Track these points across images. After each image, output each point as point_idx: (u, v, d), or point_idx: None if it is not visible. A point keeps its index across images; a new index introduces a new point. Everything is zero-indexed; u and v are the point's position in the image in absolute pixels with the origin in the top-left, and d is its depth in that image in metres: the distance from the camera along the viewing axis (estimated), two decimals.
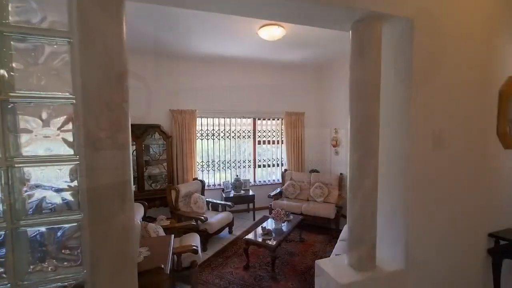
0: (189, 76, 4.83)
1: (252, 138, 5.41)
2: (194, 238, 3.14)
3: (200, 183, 4.44)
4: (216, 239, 3.92)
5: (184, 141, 4.71)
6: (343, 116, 4.90)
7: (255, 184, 5.42)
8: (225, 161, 5.25)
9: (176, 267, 2.62)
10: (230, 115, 5.17)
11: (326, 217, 4.14)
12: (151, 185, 4.53)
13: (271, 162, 5.57)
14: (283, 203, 4.55)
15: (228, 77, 5.08)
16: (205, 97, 4.95)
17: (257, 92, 5.27)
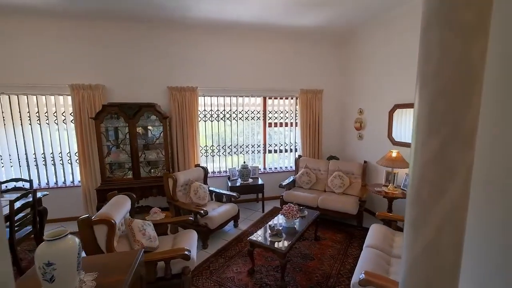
0: (188, 48, 4.18)
1: (262, 120, 4.77)
2: (191, 236, 2.66)
3: (202, 170, 3.93)
4: (218, 234, 3.46)
5: (184, 123, 4.17)
6: (370, 94, 4.11)
7: (265, 172, 4.85)
8: (231, 145, 4.68)
9: (164, 274, 2.17)
10: (236, 94, 4.52)
11: (347, 212, 3.53)
12: (150, 171, 4.09)
13: (284, 147, 4.95)
14: (297, 194, 3.98)
15: (234, 48, 4.37)
16: (208, 73, 4.31)
17: (267, 66, 4.55)
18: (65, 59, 3.76)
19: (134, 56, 4.00)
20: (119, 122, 3.77)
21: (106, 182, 3.71)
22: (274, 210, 4.32)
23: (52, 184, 4.00)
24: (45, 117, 3.85)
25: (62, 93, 3.82)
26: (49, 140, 3.91)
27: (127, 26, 3.90)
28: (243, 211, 4.28)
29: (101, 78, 3.91)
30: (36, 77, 3.69)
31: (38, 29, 3.63)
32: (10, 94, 3.68)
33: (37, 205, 3.01)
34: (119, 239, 2.32)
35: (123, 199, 2.54)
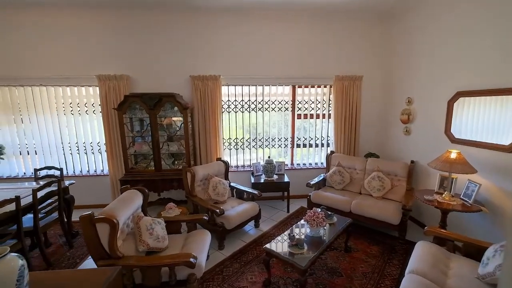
0: (211, 33, 3.91)
1: (290, 111, 4.33)
2: (203, 239, 2.45)
3: (223, 164, 3.69)
4: (237, 234, 3.22)
5: (206, 114, 3.96)
6: (423, 79, 3.37)
7: (292, 168, 4.44)
8: (256, 139, 4.36)
9: (168, 279, 1.99)
10: (262, 82, 4.14)
11: (386, 221, 2.98)
12: (173, 163, 4.01)
13: (314, 141, 4.46)
14: (326, 195, 3.52)
15: (259, 32, 3.96)
16: (231, 60, 4.00)
17: (297, 50, 4.05)
18: (92, 50, 3.80)
19: (158, 45, 3.87)
20: (142, 113, 3.71)
21: (129, 173, 3.72)
22: (301, 211, 3.93)
23: (85, 172, 4.18)
24: (77, 108, 3.98)
25: (91, 84, 3.88)
26: (80, 130, 4.05)
27: (151, 14, 3.76)
28: (266, 209, 3.97)
29: (126, 68, 3.88)
30: (69, 69, 3.79)
31: (69, 23, 3.69)
32: (47, 86, 3.86)
33: (64, 194, 3.11)
34: (127, 237, 2.20)
35: (134, 194, 2.42)
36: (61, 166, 3.64)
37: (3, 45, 3.67)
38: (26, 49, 3.70)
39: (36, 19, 3.64)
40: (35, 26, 3.66)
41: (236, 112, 4.24)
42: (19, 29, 3.65)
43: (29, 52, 3.71)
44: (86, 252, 2.90)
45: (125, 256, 1.96)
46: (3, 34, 3.64)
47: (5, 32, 3.64)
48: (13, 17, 3.60)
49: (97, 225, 1.89)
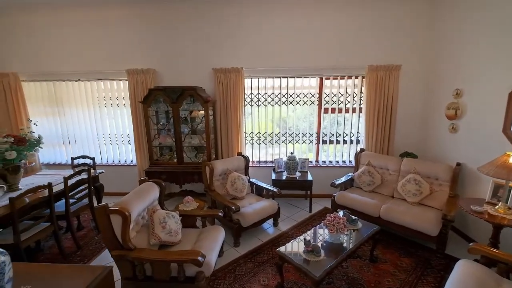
0: (234, 24, 3.78)
1: (316, 104, 4.04)
2: (216, 236, 2.39)
3: (243, 159, 3.60)
4: (254, 232, 3.12)
5: (228, 107, 3.88)
6: (475, 68, 2.84)
7: (317, 165, 4.18)
8: (279, 133, 4.18)
9: (177, 275, 1.97)
10: (287, 74, 3.91)
11: (422, 231, 2.61)
12: (196, 156, 4.05)
13: (342, 137, 4.12)
14: (353, 197, 3.23)
15: (284, 20, 3.72)
16: (254, 52, 3.83)
17: (325, 39, 3.73)
18: (123, 46, 3.94)
19: (182, 38, 3.87)
20: (167, 106, 3.77)
21: (153, 164, 3.84)
22: (324, 212, 3.69)
23: (116, 161, 4.43)
24: (109, 101, 4.21)
25: (121, 78, 4.05)
26: (112, 122, 4.28)
27: (176, 8, 3.76)
28: (287, 207, 3.81)
29: (152, 62, 3.96)
30: (102, 64, 4.00)
31: (101, 21, 3.87)
32: (84, 81, 4.12)
33: (94, 182, 3.31)
34: (141, 228, 2.24)
35: (150, 187, 2.45)
36: (94, 156, 3.90)
37: (48, 44, 3.99)
38: (67, 47, 3.98)
39: (74, 18, 3.88)
40: (73, 25, 3.91)
41: (259, 106, 4.09)
42: (61, 28, 3.93)
43: (69, 49, 3.99)
44: None
45: (137, 248, 1.98)
46: (47, 33, 3.96)
47: (48, 32, 3.95)
48: (54, 17, 3.88)
49: (111, 216, 1.93)
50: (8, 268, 0.84)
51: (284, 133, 4.17)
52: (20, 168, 2.68)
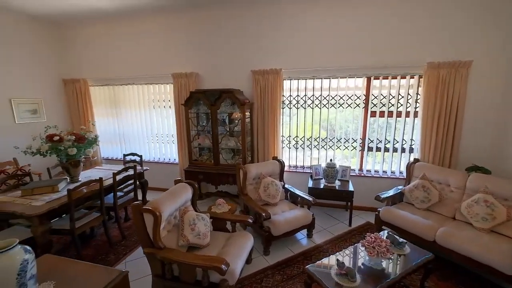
0: (273, 25, 3.68)
1: (362, 107, 3.67)
2: (243, 243, 2.34)
3: (279, 164, 3.48)
4: (286, 241, 2.98)
5: (266, 110, 3.81)
6: None
7: (360, 174, 3.79)
8: (319, 138, 3.92)
9: (202, 279, 1.96)
10: (329, 75, 3.65)
11: (493, 266, 2.11)
12: (232, 158, 4.08)
13: (391, 144, 3.65)
14: (402, 215, 2.82)
15: (327, 16, 3.46)
16: (294, 52, 3.67)
17: (375, 33, 3.35)
18: (170, 51, 4.20)
19: (222, 41, 3.94)
20: (206, 108, 3.88)
21: (192, 164, 4.00)
22: (366, 227, 3.32)
23: (161, 159, 4.77)
24: (157, 103, 4.54)
25: (168, 82, 4.33)
26: (159, 123, 4.61)
27: (215, 12, 3.84)
28: (323, 218, 3.55)
29: (195, 66, 4.13)
30: (152, 69, 4.34)
31: (150, 30, 4.20)
32: (136, 84, 4.54)
33: (139, 178, 3.60)
34: (173, 228, 2.31)
35: (183, 188, 2.52)
36: (142, 153, 4.25)
37: (108, 53, 4.50)
38: (123, 54, 4.43)
39: (129, 30, 4.29)
40: (128, 35, 4.32)
41: (298, 108, 3.91)
42: (119, 38, 4.39)
43: (125, 56, 4.43)
44: None
45: (166, 248, 2.04)
46: (107, 44, 4.46)
47: (109, 42, 4.45)
48: (113, 30, 4.35)
49: (144, 214, 2.02)
50: (31, 265, 0.90)
51: (324, 138, 3.90)
52: (80, 163, 3.06)
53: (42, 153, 2.74)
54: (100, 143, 4.89)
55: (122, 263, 2.67)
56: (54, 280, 1.04)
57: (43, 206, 2.36)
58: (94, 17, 4.17)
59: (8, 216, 2.37)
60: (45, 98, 4.48)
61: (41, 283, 1.02)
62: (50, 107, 4.55)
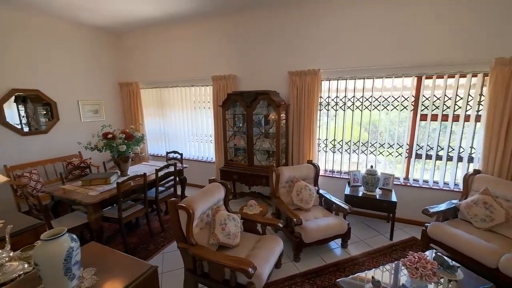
0: (311, 25, 3.56)
1: (411, 110, 3.32)
2: (273, 247, 2.31)
3: (313, 168, 3.35)
4: (317, 249, 2.86)
5: (302, 112, 3.71)
6: None
7: (406, 184, 3.44)
8: (359, 142, 3.68)
9: (229, 279, 2.00)
10: (372, 74, 3.38)
11: None
12: (266, 159, 4.08)
13: (446, 152, 3.23)
14: (455, 233, 2.47)
15: (370, 11, 3.20)
16: (334, 50, 3.50)
17: (429, 26, 2.99)
18: (210, 55, 4.38)
19: (259, 43, 3.96)
20: (243, 110, 3.95)
21: (227, 164, 4.11)
22: (411, 243, 2.99)
23: (200, 158, 5.01)
24: (197, 104, 4.79)
25: (208, 84, 4.53)
26: (198, 123, 4.85)
27: (254, 14, 3.88)
28: (361, 228, 3.32)
29: (233, 68, 4.24)
30: (194, 72, 4.58)
31: (190, 34, 4.43)
32: (181, 87, 4.85)
33: (179, 174, 3.84)
34: (205, 226, 2.40)
35: (216, 188, 2.60)
36: (183, 151, 4.53)
37: (156, 57, 4.89)
38: (169, 58, 4.77)
39: (172, 35, 4.59)
40: (173, 40, 4.63)
41: (336, 110, 3.72)
42: (165, 43, 4.73)
43: (170, 60, 4.77)
44: None
45: (198, 245, 2.13)
46: (155, 49, 4.85)
47: (156, 47, 4.84)
48: (159, 36, 4.71)
49: (179, 211, 2.14)
50: (76, 252, 1.02)
51: (365, 142, 3.64)
52: (128, 158, 3.39)
53: (99, 149, 3.11)
54: (147, 141, 5.38)
55: (160, 254, 2.88)
56: (95, 267, 1.16)
57: (97, 196, 2.68)
58: (145, 25, 4.58)
59: (72, 202, 2.74)
60: (104, 99, 5.07)
61: (85, 268, 1.14)
62: (108, 107, 5.14)
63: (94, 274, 1.12)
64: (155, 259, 2.79)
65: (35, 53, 3.94)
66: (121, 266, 1.18)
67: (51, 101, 4.18)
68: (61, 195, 2.76)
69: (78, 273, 1.04)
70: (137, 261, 1.22)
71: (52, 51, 4.15)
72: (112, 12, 3.93)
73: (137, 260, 1.22)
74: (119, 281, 1.09)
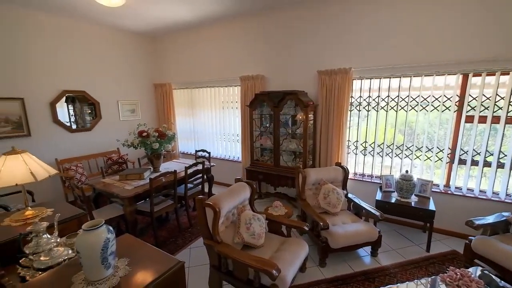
0: (341, 20, 3.41)
1: (454, 111, 3.03)
2: (297, 251, 2.27)
3: (342, 171, 3.23)
4: (345, 255, 2.75)
5: (331, 112, 3.59)
6: None
7: (446, 192, 3.14)
8: (393, 144, 3.45)
9: (253, 279, 2.01)
10: (411, 72, 3.15)
11: None
12: (293, 160, 4.03)
13: (496, 158, 2.87)
14: (505, 251, 2.19)
15: (407, 3, 2.97)
16: (367, 47, 3.32)
17: (475, 15, 2.69)
18: (238, 55, 4.44)
19: (287, 43, 3.91)
20: (270, 110, 3.94)
21: (253, 164, 4.13)
22: (451, 257, 2.73)
23: (227, 157, 5.11)
24: (226, 104, 4.88)
25: (236, 84, 4.60)
26: (226, 122, 4.95)
27: (283, 14, 3.84)
28: (393, 236, 3.12)
29: (261, 68, 4.24)
30: (222, 72, 4.69)
31: (219, 36, 4.53)
32: (210, 87, 4.99)
33: (207, 172, 3.95)
34: (230, 224, 2.43)
35: (242, 187, 2.62)
36: (211, 150, 4.66)
37: (186, 59, 5.09)
38: (198, 60, 4.93)
39: (201, 38, 4.73)
40: (201, 43, 4.78)
41: (369, 110, 3.53)
42: (195, 46, 4.91)
43: (200, 61, 4.93)
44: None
45: (223, 243, 2.17)
46: (186, 51, 5.05)
47: (186, 50, 5.03)
48: (189, 39, 4.89)
49: (205, 208, 2.21)
50: (112, 243, 1.10)
51: (400, 145, 3.40)
52: (161, 156, 3.57)
53: (134, 146, 3.33)
54: (178, 139, 5.63)
55: (188, 248, 2.99)
56: (129, 258, 1.23)
57: (131, 190, 2.86)
58: (177, 29, 4.80)
59: (110, 195, 2.97)
60: (141, 99, 5.41)
61: (119, 258, 1.22)
62: (143, 107, 5.48)
63: (127, 264, 1.19)
64: (182, 253, 2.90)
65: (81, 58, 4.33)
66: (151, 259, 1.24)
67: (95, 101, 4.58)
68: (101, 187, 3.01)
69: (113, 262, 1.12)
70: (166, 255, 1.27)
71: (95, 55, 4.53)
72: (150, 18, 4.18)
73: (166, 255, 1.28)
74: (149, 273, 1.15)
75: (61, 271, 1.17)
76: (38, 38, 3.82)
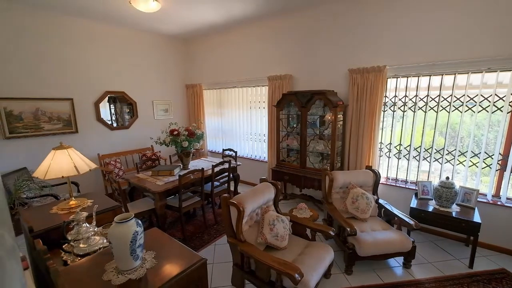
0: (373, 16, 3.21)
1: (508, 112, 2.68)
2: (322, 256, 2.21)
3: (372, 175, 3.05)
4: (374, 264, 2.60)
5: (362, 112, 3.42)
6: None
7: (495, 202, 2.79)
8: (431, 148, 3.17)
9: (275, 281, 2.00)
10: (454, 69, 2.85)
11: None
12: (320, 162, 3.92)
13: None
14: None
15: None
16: (403, 42, 3.09)
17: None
18: (266, 55, 4.44)
19: (316, 42, 3.81)
20: (297, 110, 3.87)
21: (279, 164, 4.10)
22: (499, 276, 2.43)
23: (253, 156, 5.14)
24: (253, 104, 4.91)
25: (264, 84, 4.60)
26: (254, 122, 4.98)
27: (312, 12, 3.74)
28: (430, 248, 2.87)
29: (289, 68, 4.19)
30: (250, 73, 4.72)
31: (248, 37, 4.55)
32: (238, 88, 5.07)
33: (233, 171, 4.02)
34: (254, 224, 2.44)
35: (266, 187, 2.62)
36: (237, 149, 4.72)
37: (216, 60, 5.22)
38: (227, 61, 5.03)
39: (231, 39, 4.81)
40: (230, 44, 4.86)
41: (405, 111, 3.29)
42: (225, 47, 5.01)
43: (229, 62, 5.02)
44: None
45: (246, 242, 2.19)
46: (215, 52, 5.17)
47: (216, 51, 5.15)
48: (219, 40, 4.99)
49: (230, 207, 2.24)
50: (140, 236, 1.17)
51: (440, 149, 3.11)
52: (190, 154, 3.72)
53: (166, 144, 3.51)
54: (207, 138, 5.81)
55: (212, 245, 3.07)
56: (155, 251, 1.30)
57: (162, 185, 3.02)
58: (207, 31, 4.94)
59: (143, 189, 3.18)
60: (173, 99, 5.69)
61: (147, 250, 1.29)
62: (176, 107, 5.75)
63: (154, 257, 1.26)
64: (207, 249, 2.99)
65: (121, 60, 4.68)
66: (176, 254, 1.29)
67: (133, 101, 4.92)
68: (136, 182, 3.23)
69: (141, 254, 1.19)
70: (190, 251, 1.32)
71: (133, 58, 4.86)
72: (182, 22, 4.37)
73: (190, 251, 1.32)
74: (173, 268, 1.20)
75: (96, 258, 1.28)
76: (88, 45, 4.21)
